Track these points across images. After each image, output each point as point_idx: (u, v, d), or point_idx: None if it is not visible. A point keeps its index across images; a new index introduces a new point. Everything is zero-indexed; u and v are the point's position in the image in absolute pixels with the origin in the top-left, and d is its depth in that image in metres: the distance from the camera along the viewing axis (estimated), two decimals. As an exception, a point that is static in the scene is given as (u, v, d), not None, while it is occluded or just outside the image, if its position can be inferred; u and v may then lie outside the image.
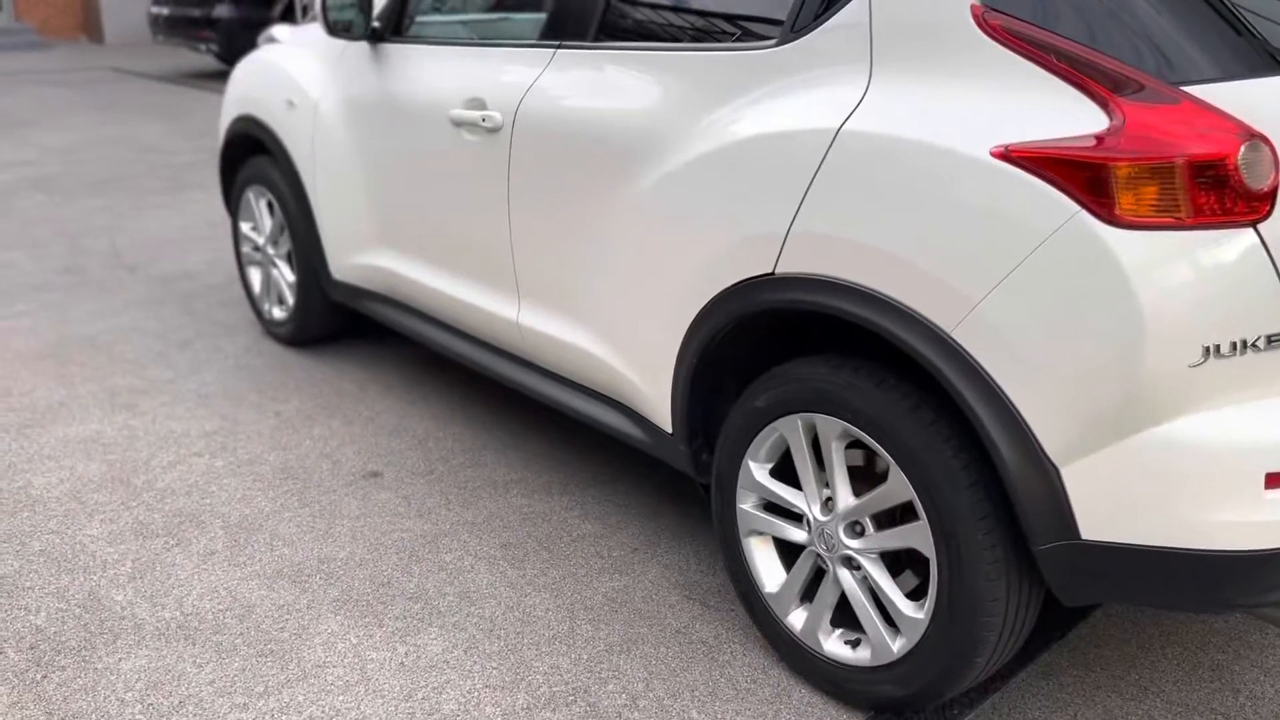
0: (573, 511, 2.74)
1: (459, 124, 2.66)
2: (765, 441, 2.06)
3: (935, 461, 1.76)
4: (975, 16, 1.74)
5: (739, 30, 2.12)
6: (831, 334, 2.15)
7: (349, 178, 3.20)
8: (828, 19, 1.92)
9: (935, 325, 1.70)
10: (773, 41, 2.01)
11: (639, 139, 2.20)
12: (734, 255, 2.00)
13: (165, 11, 12.48)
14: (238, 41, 12.02)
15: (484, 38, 2.86)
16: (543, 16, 2.60)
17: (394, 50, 3.00)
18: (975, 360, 1.67)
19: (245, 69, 3.76)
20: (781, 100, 1.96)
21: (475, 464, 3.00)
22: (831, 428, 1.91)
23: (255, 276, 3.93)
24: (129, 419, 3.26)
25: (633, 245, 2.25)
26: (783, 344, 2.22)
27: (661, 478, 2.92)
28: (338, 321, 3.73)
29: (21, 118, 9.18)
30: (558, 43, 2.47)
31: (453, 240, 2.83)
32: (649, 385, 2.31)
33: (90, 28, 17.73)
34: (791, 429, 1.99)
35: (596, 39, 2.39)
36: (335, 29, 2.99)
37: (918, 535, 1.83)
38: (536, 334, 2.61)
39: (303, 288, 3.59)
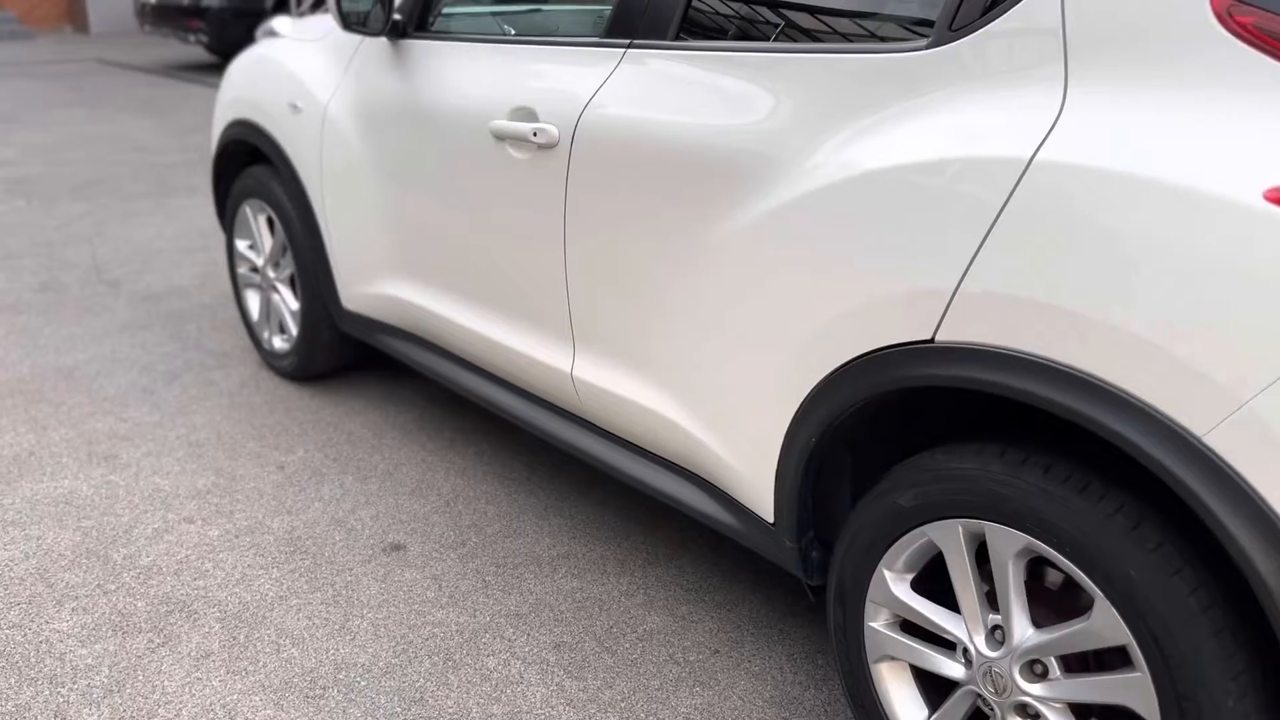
0: (634, 598, 2.31)
1: (502, 137, 2.22)
2: (908, 548, 1.63)
3: (1164, 600, 1.33)
4: (1217, 12, 1.31)
5: (875, 28, 1.69)
6: (985, 412, 1.72)
7: (364, 195, 2.75)
8: (1001, 15, 1.49)
9: (1181, 426, 1.27)
10: (922, 43, 1.58)
11: (739, 163, 1.77)
12: (876, 315, 1.57)
13: (153, 0, 11.97)
14: (228, 32, 11.53)
15: (529, 33, 2.42)
16: (606, 8, 2.16)
17: (419, 47, 2.56)
18: (1239, 474, 1.24)
19: (242, 67, 3.31)
20: (938, 118, 1.52)
21: (513, 532, 2.56)
22: (1009, 542, 1.48)
23: (253, 301, 3.48)
24: (108, 473, 2.81)
25: (728, 293, 1.81)
26: (911, 419, 1.79)
27: (737, 554, 2.49)
28: (347, 354, 3.29)
29: (1, 113, 8.69)
30: (627, 41, 2.03)
31: (492, 273, 2.39)
32: (743, 462, 1.88)
33: (75, 17, 17.19)
34: (949, 538, 1.56)
35: (679, 37, 1.95)
36: (350, 22, 2.54)
37: (1133, 691, 1.40)
38: (594, 389, 2.18)
39: (308, 317, 3.15)
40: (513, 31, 2.47)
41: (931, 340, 1.50)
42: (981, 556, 1.56)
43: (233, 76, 3.35)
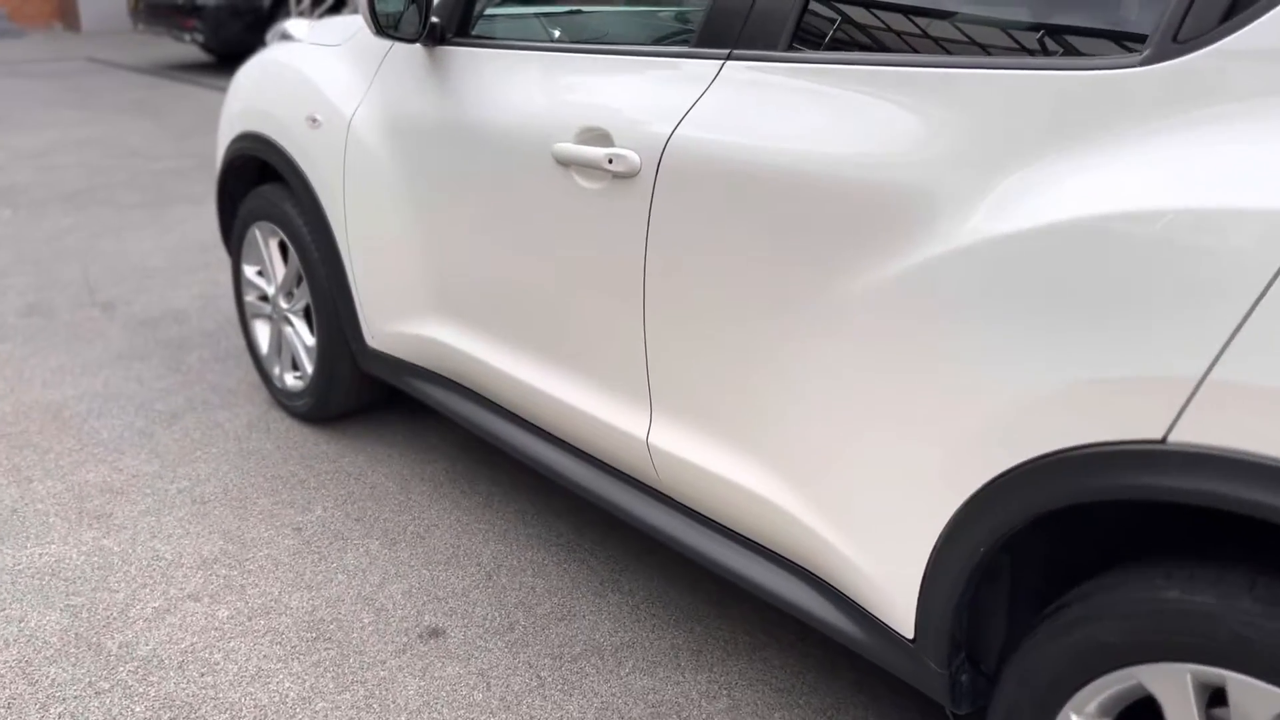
0: (718, 701, 1.98)
1: (567, 163, 1.89)
2: (1106, 690, 1.30)
3: None
4: None
5: (1065, 37, 1.36)
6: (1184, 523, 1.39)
7: (395, 222, 2.42)
8: (1248, 24, 1.16)
9: None
10: (1135, 58, 1.25)
11: (885, 202, 1.44)
12: (1079, 404, 1.24)
13: (147, -2, 11.62)
14: (224, 31, 11.17)
15: (595, 40, 2.08)
16: (692, 11, 1.83)
17: (460, 55, 2.23)
18: None
19: (252, 74, 2.97)
20: (1164, 153, 1.20)
21: (567, 614, 2.23)
22: (1266, 703, 1.15)
23: (262, 333, 3.14)
24: (101, 537, 2.47)
25: (867, 361, 1.48)
26: (1087, 526, 1.47)
27: (831, 644, 2.16)
28: (368, 394, 2.95)
29: (-12, 115, 8.34)
30: (726, 51, 1.70)
31: (550, 318, 2.05)
32: (875, 565, 1.55)
33: (66, 14, 16.81)
34: (1170, 685, 1.23)
35: (793, 46, 1.62)
36: (384, 26, 2.20)
37: None
38: (675, 460, 1.85)
39: (326, 355, 2.81)
40: (566, 39, 2.13)
41: (1162, 442, 1.17)
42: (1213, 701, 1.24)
43: (241, 85, 3.00)
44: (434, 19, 2.26)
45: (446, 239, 2.28)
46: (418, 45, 2.33)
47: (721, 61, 1.70)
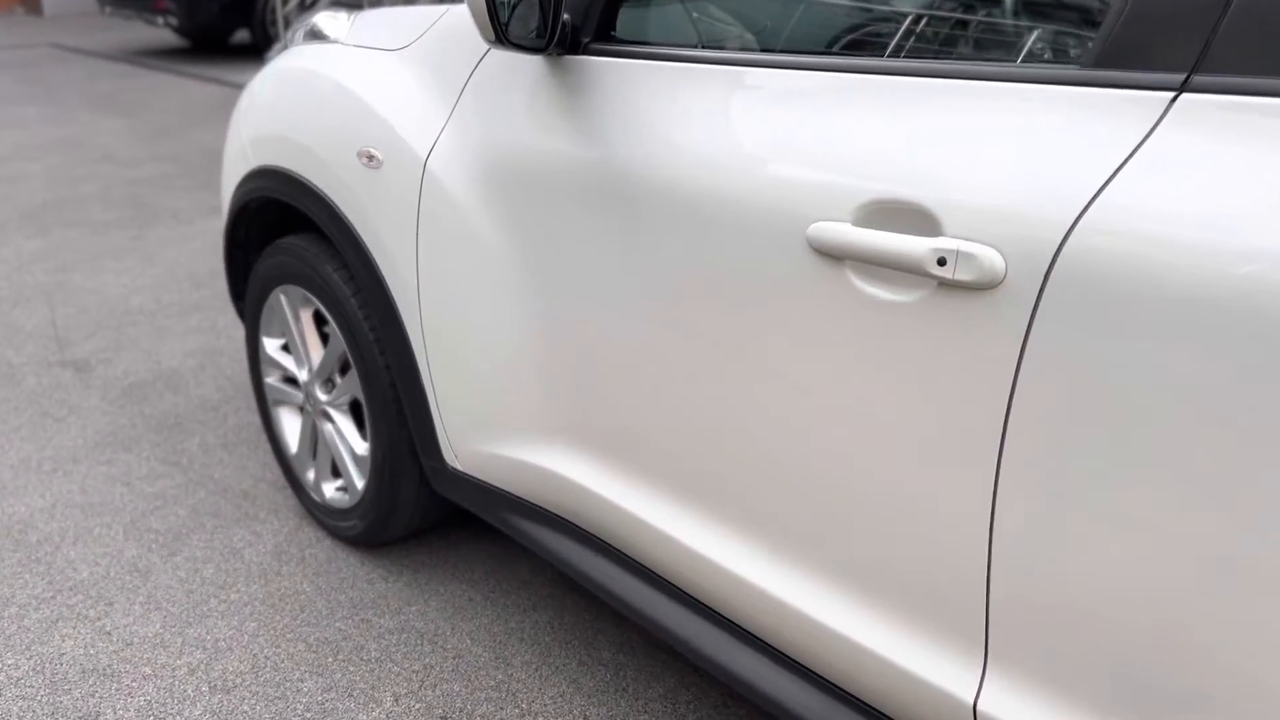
0: None
1: (840, 256, 1.16)
2: None
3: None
4: None
5: None
6: None
7: (505, 310, 1.68)
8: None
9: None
10: None
11: None
12: None
13: (115, -21, 10.73)
14: (200, 14, 10.31)
15: (864, 52, 1.34)
16: (1084, 10, 1.09)
17: (620, 71, 1.48)
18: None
19: (271, 88, 2.20)
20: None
21: None
22: None
23: (289, 425, 2.40)
24: (85, 762, 1.74)
25: None
26: None
27: None
28: (440, 511, 2.21)
29: (-60, 113, 7.48)
30: (1178, 79, 0.97)
31: (787, 487, 1.32)
32: None
33: (28, -3, 15.83)
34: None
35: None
36: (508, 35, 1.45)
37: None
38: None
39: (385, 471, 2.07)
40: (820, 49, 1.39)
41: None
42: None
43: (257, 101, 2.24)
44: (565, 15, 1.51)
45: (598, 346, 1.54)
46: (538, 58, 1.58)
47: (1171, 96, 0.97)
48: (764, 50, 1.51)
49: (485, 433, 1.80)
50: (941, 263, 1.05)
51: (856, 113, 1.18)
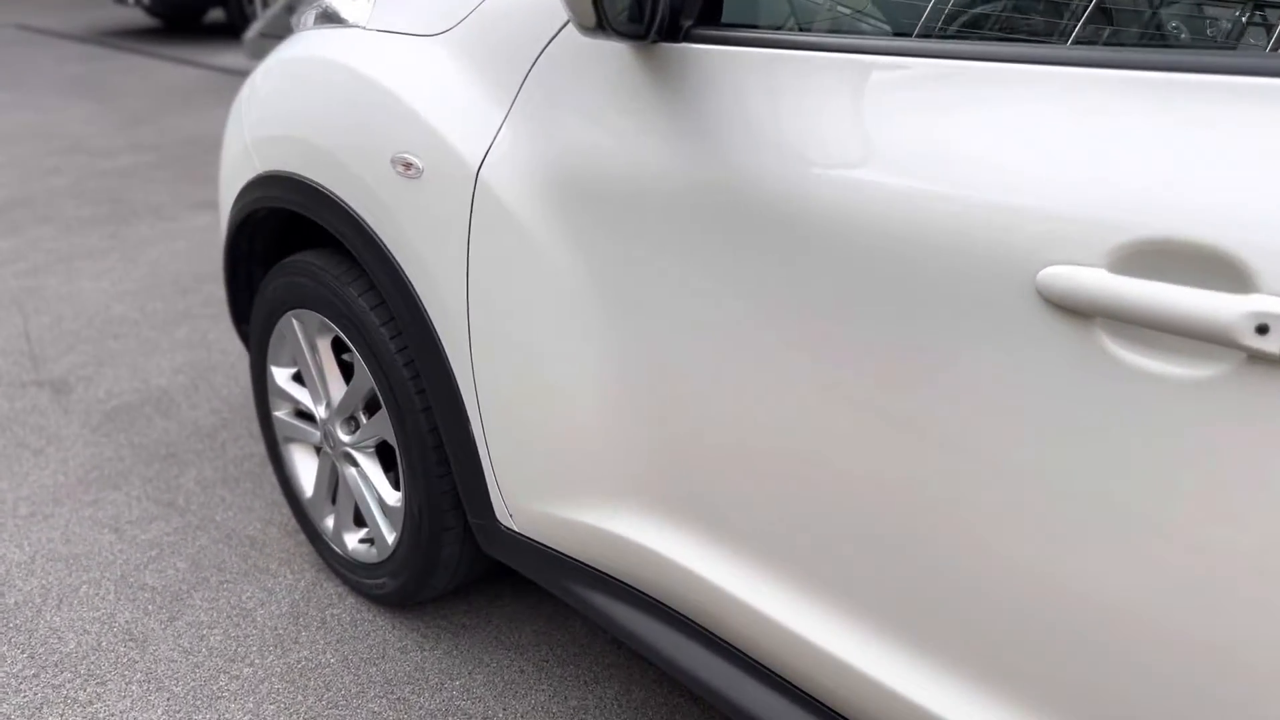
0: None
1: (1089, 313, 0.87)
2: None
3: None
4: None
5: None
6: None
7: (578, 350, 1.39)
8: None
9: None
10: None
11: None
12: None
13: (81, -43, 10.27)
14: (173, -8, 9.88)
15: (1102, 33, 1.05)
16: None
17: (738, 63, 1.18)
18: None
19: (278, 81, 1.89)
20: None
21: None
22: None
23: (304, 466, 2.10)
24: None
25: None
26: None
27: None
28: (482, 567, 1.92)
29: (-102, 100, 7.07)
30: None
31: (994, 607, 1.04)
32: None
33: (-10, -24, 15.24)
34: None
35: None
36: (612, 20, 1.16)
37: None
38: None
39: (423, 527, 1.77)
40: (1043, 36, 1.09)
41: None
42: None
43: (261, 95, 1.92)
44: (668, -5, 1.21)
45: (703, 400, 1.25)
46: (623, 46, 1.28)
47: None
48: (932, 37, 1.22)
49: (549, 490, 1.51)
50: (1262, 330, 0.77)
51: (1106, 119, 0.89)
